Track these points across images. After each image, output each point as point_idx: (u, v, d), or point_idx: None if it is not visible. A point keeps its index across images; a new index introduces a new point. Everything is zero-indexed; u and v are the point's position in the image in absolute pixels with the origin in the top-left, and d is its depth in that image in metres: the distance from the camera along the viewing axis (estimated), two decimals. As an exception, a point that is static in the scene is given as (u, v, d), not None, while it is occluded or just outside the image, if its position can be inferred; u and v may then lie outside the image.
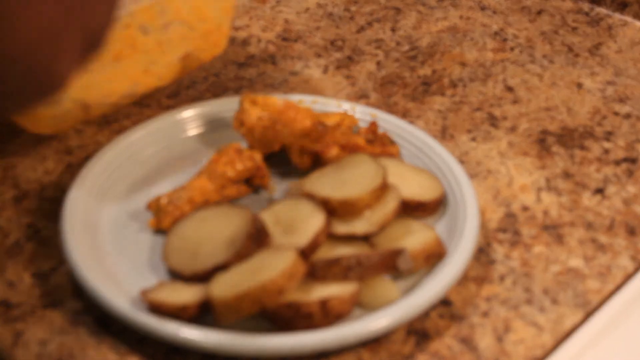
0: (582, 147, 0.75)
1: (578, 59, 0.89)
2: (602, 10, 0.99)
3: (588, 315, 0.58)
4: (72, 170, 0.71)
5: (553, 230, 0.65)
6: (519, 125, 0.78)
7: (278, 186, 0.67)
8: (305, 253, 0.56)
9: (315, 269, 0.55)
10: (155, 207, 0.62)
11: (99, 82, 0.63)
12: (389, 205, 0.60)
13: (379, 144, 0.69)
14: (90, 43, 0.42)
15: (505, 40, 0.93)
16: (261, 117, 0.67)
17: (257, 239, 0.56)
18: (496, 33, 0.94)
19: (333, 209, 0.60)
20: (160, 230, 0.63)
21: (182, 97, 0.81)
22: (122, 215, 0.65)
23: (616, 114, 0.80)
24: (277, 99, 0.68)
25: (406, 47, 0.91)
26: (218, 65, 0.87)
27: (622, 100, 0.82)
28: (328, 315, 0.53)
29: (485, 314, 0.58)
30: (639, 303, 0.61)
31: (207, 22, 0.69)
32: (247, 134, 0.67)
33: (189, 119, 0.73)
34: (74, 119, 0.66)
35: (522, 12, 0.99)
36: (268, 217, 0.60)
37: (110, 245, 0.62)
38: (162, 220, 0.62)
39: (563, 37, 0.93)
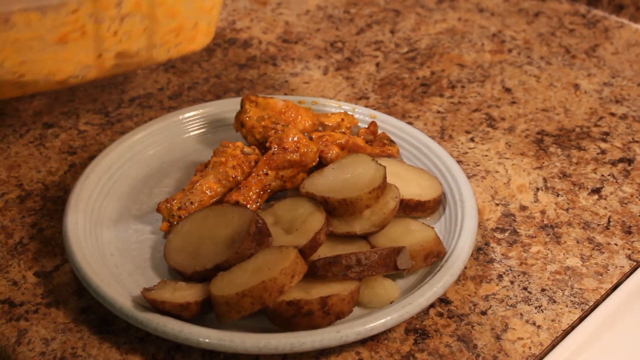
0: (579, 148, 0.76)
1: (575, 61, 0.89)
2: (598, 13, 0.99)
3: (585, 314, 0.59)
4: (76, 170, 0.71)
5: (550, 230, 0.66)
6: (517, 126, 0.78)
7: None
8: (306, 252, 0.57)
9: (315, 268, 0.56)
10: (166, 211, 0.62)
11: (40, 60, 0.63)
12: (389, 205, 0.60)
13: (378, 144, 0.70)
14: None
15: (503, 42, 0.93)
16: (261, 118, 0.67)
17: (257, 238, 0.56)
18: (494, 35, 0.95)
19: (333, 209, 0.60)
20: (162, 230, 0.63)
21: (183, 98, 0.82)
22: (124, 214, 0.65)
23: (613, 114, 0.80)
24: (278, 100, 0.68)
25: (405, 49, 0.92)
26: (219, 66, 0.88)
27: (618, 101, 0.82)
28: (328, 313, 0.54)
29: (483, 313, 0.58)
30: (635, 301, 0.61)
31: (176, 19, 0.69)
32: (247, 135, 0.68)
33: (191, 119, 0.74)
34: (10, 89, 0.66)
35: (519, 14, 0.99)
36: (268, 217, 0.60)
37: (113, 245, 0.62)
38: (173, 223, 0.62)
39: (560, 38, 0.94)
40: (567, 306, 0.59)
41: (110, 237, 0.63)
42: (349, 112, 0.74)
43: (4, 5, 0.59)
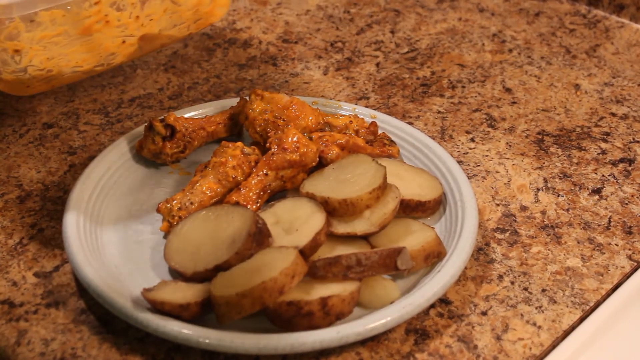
0: (580, 148, 0.75)
1: (576, 61, 0.89)
2: (599, 12, 0.99)
3: (586, 314, 0.59)
4: (75, 170, 0.71)
5: (551, 230, 0.66)
6: (517, 126, 0.78)
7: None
8: (306, 253, 0.57)
9: (315, 268, 0.56)
10: (166, 211, 0.62)
11: (66, 54, 0.64)
12: (389, 205, 0.60)
13: (378, 145, 0.70)
14: None
15: (503, 42, 0.93)
16: (264, 111, 0.67)
17: (257, 238, 0.56)
18: (494, 35, 0.95)
19: (333, 209, 0.60)
20: (162, 230, 0.63)
21: (183, 98, 0.82)
22: (124, 215, 0.65)
23: (613, 115, 0.80)
24: (284, 95, 0.68)
25: (405, 49, 0.92)
26: (219, 66, 0.88)
27: (619, 101, 0.82)
28: (328, 314, 0.54)
29: (484, 313, 0.58)
30: (636, 302, 0.61)
31: None
32: (249, 127, 0.68)
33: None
34: (39, 84, 0.67)
35: (520, 14, 0.99)
36: (268, 217, 0.60)
37: (113, 245, 0.62)
38: (173, 224, 0.62)
39: (561, 38, 0.94)
40: (567, 306, 0.59)
41: (110, 238, 0.63)
42: (358, 115, 0.74)
43: (29, 7, 0.60)
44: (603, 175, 0.72)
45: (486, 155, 0.74)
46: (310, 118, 0.68)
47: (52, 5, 0.60)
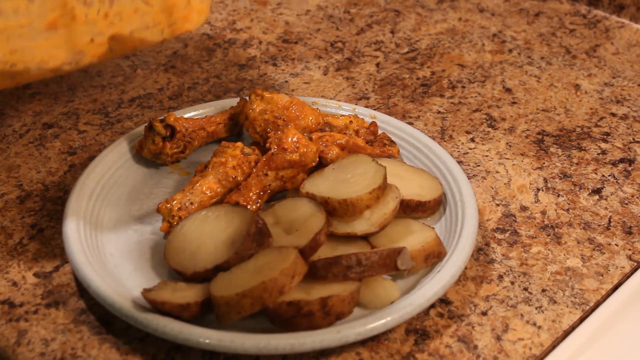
0: (580, 148, 0.75)
1: (576, 61, 0.89)
2: (599, 13, 0.99)
3: (586, 315, 0.59)
4: (75, 170, 0.71)
5: (551, 230, 0.66)
6: (517, 126, 0.78)
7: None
8: (306, 253, 0.57)
9: (315, 268, 0.56)
10: (166, 211, 0.62)
11: (31, 48, 0.63)
12: (389, 205, 0.60)
13: (378, 145, 0.70)
14: None
15: (503, 42, 0.93)
16: (264, 111, 0.67)
17: (257, 238, 0.56)
18: (494, 35, 0.95)
19: (333, 209, 0.60)
20: (162, 230, 0.63)
21: (183, 98, 0.82)
22: (124, 215, 0.65)
23: (613, 115, 0.80)
24: (284, 96, 0.68)
25: (405, 49, 0.92)
26: (219, 66, 0.88)
27: (619, 101, 0.82)
28: (328, 314, 0.54)
29: (484, 313, 0.58)
30: (636, 302, 0.61)
31: None
32: (249, 127, 0.68)
33: (190, 120, 0.74)
34: (3, 79, 0.66)
35: (520, 14, 0.99)
36: (268, 217, 0.60)
37: (113, 245, 0.62)
38: (173, 224, 0.62)
39: (561, 39, 0.94)
40: (567, 307, 0.59)
41: (110, 238, 0.63)
42: (358, 115, 0.74)
43: None
44: (603, 176, 0.72)
45: (486, 155, 0.74)
46: (310, 118, 0.68)
47: None
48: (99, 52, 0.67)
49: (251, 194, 0.63)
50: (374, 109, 0.79)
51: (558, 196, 0.70)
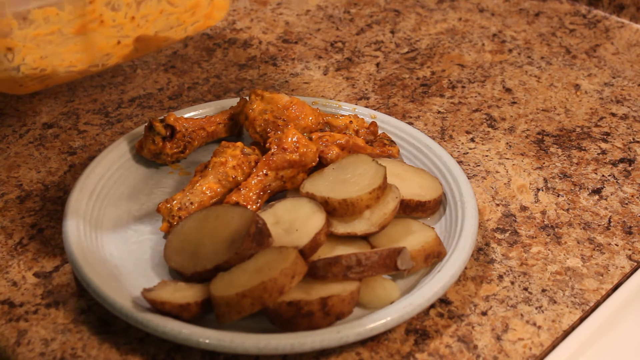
0: (580, 148, 0.75)
1: (576, 61, 0.89)
2: (599, 13, 0.99)
3: (586, 314, 0.59)
4: (75, 170, 0.71)
5: (551, 230, 0.66)
6: (517, 126, 0.78)
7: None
8: (306, 253, 0.57)
9: (315, 268, 0.56)
10: (166, 211, 0.62)
11: (60, 53, 0.64)
12: (389, 205, 0.60)
13: (378, 145, 0.70)
14: None
15: (503, 42, 0.93)
16: (264, 111, 0.67)
17: (257, 238, 0.56)
18: (494, 35, 0.95)
19: (333, 209, 0.60)
20: (162, 230, 0.63)
21: (183, 98, 0.82)
22: (124, 215, 0.65)
23: (613, 115, 0.80)
24: (283, 95, 0.68)
25: (405, 49, 0.92)
26: (219, 66, 0.88)
27: (619, 101, 0.82)
28: (328, 314, 0.54)
29: (484, 313, 0.58)
30: (636, 302, 0.61)
31: None
32: (249, 127, 0.68)
33: (190, 120, 0.74)
34: (32, 83, 0.67)
35: (520, 14, 0.99)
36: (268, 217, 0.60)
37: (113, 245, 0.62)
38: (173, 224, 0.62)
39: (561, 39, 0.94)
40: (567, 307, 0.59)
41: (110, 238, 0.63)
42: (358, 115, 0.74)
43: (22, 4, 0.59)
44: (603, 176, 0.72)
45: (486, 155, 0.74)
46: (310, 118, 0.68)
47: (46, 3, 0.60)
48: (124, 53, 0.68)
49: (251, 194, 0.63)
50: (374, 109, 0.79)
51: (558, 196, 0.70)
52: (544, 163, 0.73)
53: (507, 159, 0.74)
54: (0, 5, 0.59)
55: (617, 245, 0.64)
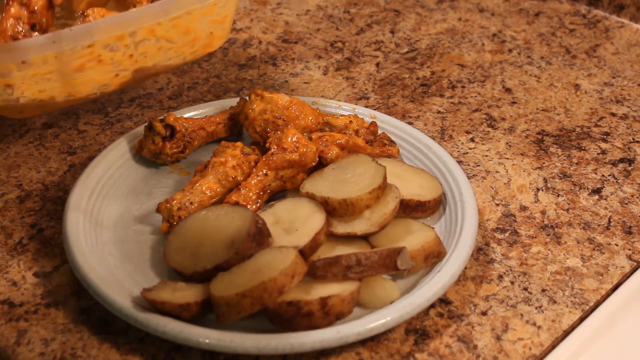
0: (580, 148, 0.75)
1: (575, 61, 0.89)
2: (599, 13, 0.99)
3: (586, 314, 0.59)
4: (75, 170, 0.71)
5: (551, 230, 0.66)
6: (517, 126, 0.78)
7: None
8: (306, 253, 0.57)
9: (315, 268, 0.56)
10: (166, 211, 0.62)
11: (59, 87, 0.65)
12: (389, 205, 0.60)
13: (378, 145, 0.70)
14: None
15: (503, 42, 0.93)
16: (263, 111, 0.67)
17: (257, 238, 0.56)
18: (494, 35, 0.95)
19: (333, 209, 0.60)
20: (162, 230, 0.63)
21: (183, 98, 0.82)
22: (124, 215, 0.65)
23: (613, 115, 0.80)
24: (283, 95, 0.68)
25: (405, 49, 0.92)
26: (219, 66, 0.88)
27: (619, 101, 0.82)
28: (328, 314, 0.54)
29: (483, 313, 0.58)
30: (636, 302, 0.61)
31: (190, 34, 0.71)
32: (249, 126, 0.68)
33: (190, 120, 0.74)
34: (31, 110, 0.68)
35: (520, 14, 0.99)
36: (268, 217, 0.60)
37: (113, 245, 0.62)
38: (173, 224, 0.62)
39: (561, 39, 0.94)
40: (567, 306, 0.59)
41: (110, 238, 0.63)
42: (358, 115, 0.74)
43: (21, 55, 0.61)
44: (603, 175, 0.72)
45: (486, 155, 0.74)
46: (310, 118, 0.68)
47: (44, 50, 0.61)
48: (122, 82, 0.69)
49: (251, 194, 0.63)
50: (374, 109, 0.79)
51: (558, 196, 0.70)
52: (543, 163, 0.73)
53: (507, 158, 0.74)
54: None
55: (617, 245, 0.65)
